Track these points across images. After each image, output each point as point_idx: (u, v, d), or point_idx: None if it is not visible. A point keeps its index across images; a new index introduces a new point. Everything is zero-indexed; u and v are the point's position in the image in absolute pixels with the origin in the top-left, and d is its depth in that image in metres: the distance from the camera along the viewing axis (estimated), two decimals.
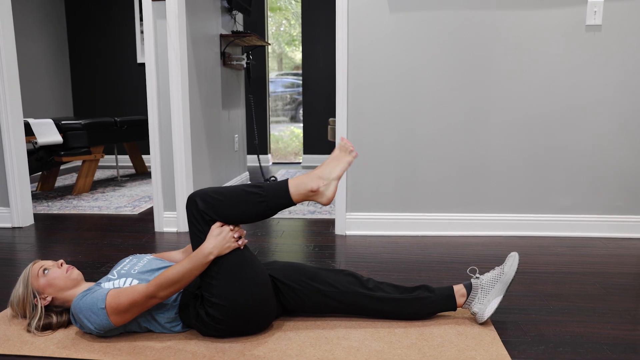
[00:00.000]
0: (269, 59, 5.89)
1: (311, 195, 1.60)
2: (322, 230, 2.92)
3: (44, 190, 4.18)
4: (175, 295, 1.62)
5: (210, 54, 3.55)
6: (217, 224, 1.55)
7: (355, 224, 2.83)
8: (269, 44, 4.45)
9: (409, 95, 2.71)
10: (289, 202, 1.58)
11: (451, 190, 2.78)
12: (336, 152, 1.66)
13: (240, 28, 4.51)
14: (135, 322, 1.61)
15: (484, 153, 2.73)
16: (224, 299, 1.51)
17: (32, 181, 4.76)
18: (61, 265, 1.71)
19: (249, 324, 1.56)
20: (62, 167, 5.47)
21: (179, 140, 2.86)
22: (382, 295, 1.67)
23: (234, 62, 4.02)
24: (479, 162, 2.74)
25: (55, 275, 1.66)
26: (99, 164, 5.95)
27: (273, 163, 6.25)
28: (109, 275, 1.67)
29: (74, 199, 3.83)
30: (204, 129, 3.40)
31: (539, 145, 2.70)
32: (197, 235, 1.56)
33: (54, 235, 2.87)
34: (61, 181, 4.75)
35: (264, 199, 1.56)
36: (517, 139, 2.71)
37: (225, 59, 3.90)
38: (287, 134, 6.89)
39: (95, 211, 3.44)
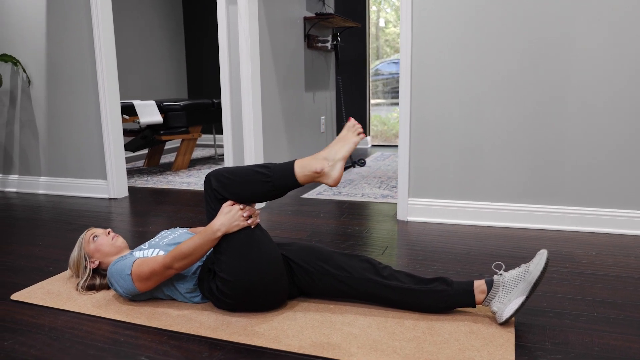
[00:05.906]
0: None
1: (316, 177, 1.59)
2: (386, 215, 2.87)
3: (149, 166, 4.61)
4: (194, 267, 1.72)
5: (291, 36, 3.61)
6: (228, 202, 1.61)
7: (417, 210, 2.73)
8: (358, 25, 4.40)
9: (476, 74, 2.53)
10: (294, 183, 1.59)
11: (520, 178, 2.55)
12: (343, 132, 1.63)
13: (331, 10, 4.52)
14: (160, 290, 1.74)
15: (559, 138, 2.46)
16: (231, 274, 1.57)
17: (140, 158, 5.27)
18: (108, 233, 1.90)
19: (256, 301, 1.61)
20: (170, 145, 5.97)
21: (249, 123, 2.98)
22: (395, 285, 1.61)
23: (319, 45, 4.05)
24: (553, 148, 2.48)
25: (102, 242, 1.85)
26: (205, 142, 6.39)
27: (372, 145, 6.22)
28: (142, 245, 1.82)
29: (170, 175, 4.19)
30: (282, 112, 3.49)
31: (626, 132, 2.37)
32: (210, 212, 1.64)
33: (140, 207, 3.17)
34: (169, 158, 5.19)
35: (270, 179, 1.58)
36: (600, 125, 2.40)
37: (310, 41, 3.95)
38: (394, 116, 6.82)
39: (184, 187, 3.73)
